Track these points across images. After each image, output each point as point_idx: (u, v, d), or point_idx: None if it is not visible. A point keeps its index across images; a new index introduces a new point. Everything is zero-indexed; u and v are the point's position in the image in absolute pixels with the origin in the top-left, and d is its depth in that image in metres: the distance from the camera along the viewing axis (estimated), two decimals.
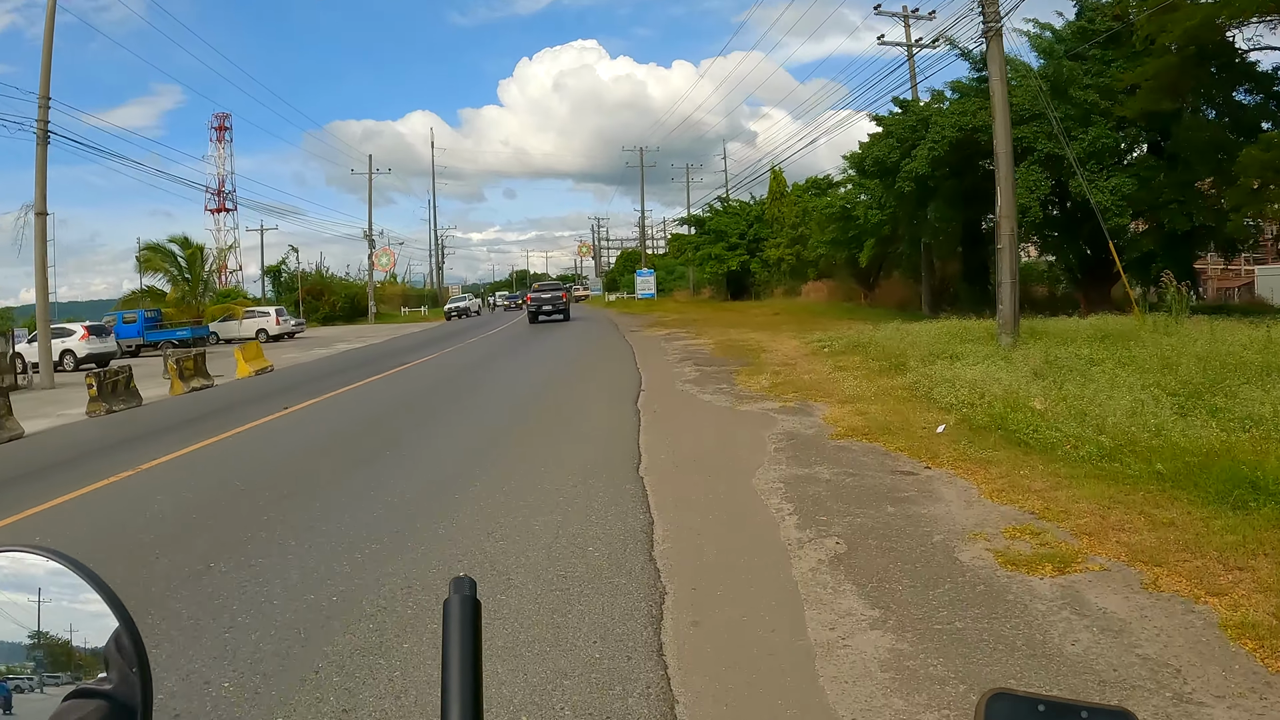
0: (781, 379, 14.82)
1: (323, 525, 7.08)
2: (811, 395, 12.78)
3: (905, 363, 14.67)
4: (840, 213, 36.96)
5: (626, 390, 14.63)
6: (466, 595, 0.72)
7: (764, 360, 18.57)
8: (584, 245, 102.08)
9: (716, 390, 13.87)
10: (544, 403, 14.39)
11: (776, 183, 53.73)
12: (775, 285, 52.87)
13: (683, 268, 69.26)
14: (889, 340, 18.48)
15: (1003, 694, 0.65)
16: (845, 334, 21.55)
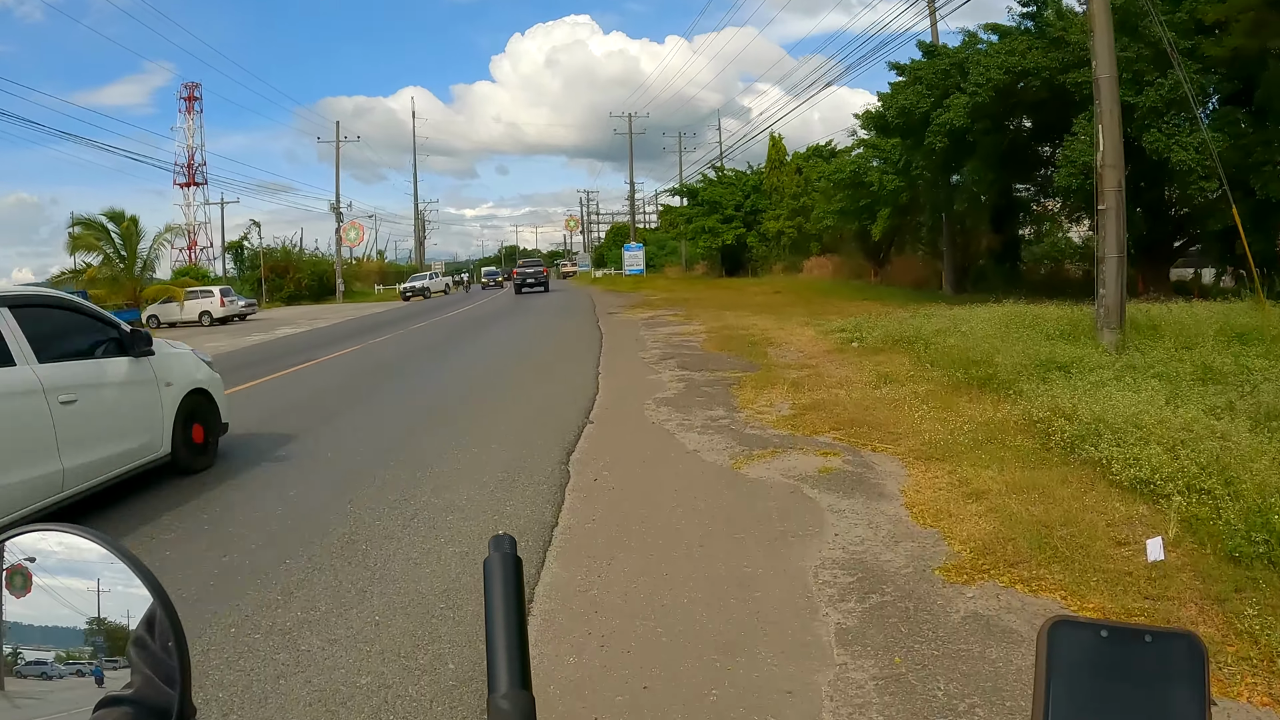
0: (806, 397, 9.81)
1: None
2: (865, 437, 7.74)
3: (992, 373, 9.66)
4: (851, 179, 31.89)
5: (561, 423, 9.21)
6: (507, 553, 0.69)
7: (773, 359, 13.53)
8: (572, 219, 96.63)
9: (708, 421, 8.82)
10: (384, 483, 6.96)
11: (775, 150, 48.74)
12: (774, 261, 48.00)
13: (674, 242, 64.16)
14: (941, 332, 13.45)
15: (1065, 621, 0.63)
16: (875, 321, 16.48)
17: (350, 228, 56.39)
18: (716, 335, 17.69)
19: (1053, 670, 0.62)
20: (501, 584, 0.69)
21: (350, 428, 9.51)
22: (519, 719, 0.63)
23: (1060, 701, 0.61)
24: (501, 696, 0.64)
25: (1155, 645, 0.62)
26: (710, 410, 9.33)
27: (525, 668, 0.66)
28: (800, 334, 17.06)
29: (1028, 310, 15.42)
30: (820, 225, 37.67)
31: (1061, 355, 10.41)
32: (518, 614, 0.68)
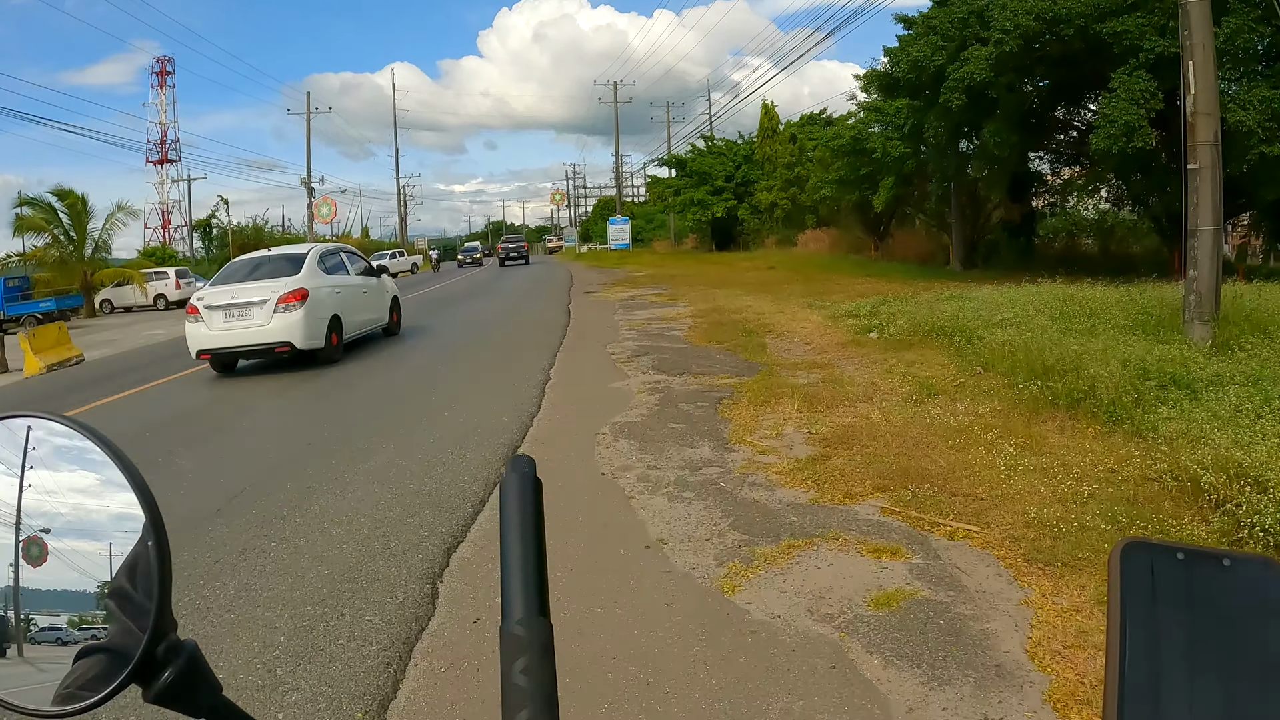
0: (826, 421, 6.91)
1: None
2: (930, 505, 4.77)
3: (1083, 388, 6.78)
4: (851, 145, 29.00)
5: (452, 490, 5.90)
6: (526, 473, 0.63)
7: (775, 356, 10.64)
8: (558, 193, 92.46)
9: (686, 471, 5.82)
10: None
11: (768, 118, 45.64)
12: (767, 234, 44.99)
13: (662, 215, 60.86)
14: (985, 323, 10.58)
15: (1139, 542, 0.58)
16: (894, 305, 13.58)
17: (322, 203, 52.80)
18: (704, 321, 14.75)
19: (1127, 593, 0.57)
20: (519, 506, 0.62)
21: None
22: (537, 648, 0.56)
23: (1137, 625, 0.56)
24: (517, 623, 0.57)
25: (1234, 570, 0.57)
26: (690, 448, 6.39)
27: (544, 594, 0.59)
28: (804, 320, 14.13)
29: (1072, 292, 12.59)
30: (816, 196, 34.81)
31: (1156, 358, 7.56)
32: (536, 538, 0.61)
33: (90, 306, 34.95)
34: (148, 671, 0.58)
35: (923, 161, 26.23)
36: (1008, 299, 12.63)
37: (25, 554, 0.61)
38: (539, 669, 0.57)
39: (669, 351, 11.44)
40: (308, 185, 51.21)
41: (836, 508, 4.93)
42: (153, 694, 0.58)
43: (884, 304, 14.10)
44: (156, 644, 0.58)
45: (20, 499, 0.62)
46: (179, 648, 0.58)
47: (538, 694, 0.56)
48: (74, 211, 35.07)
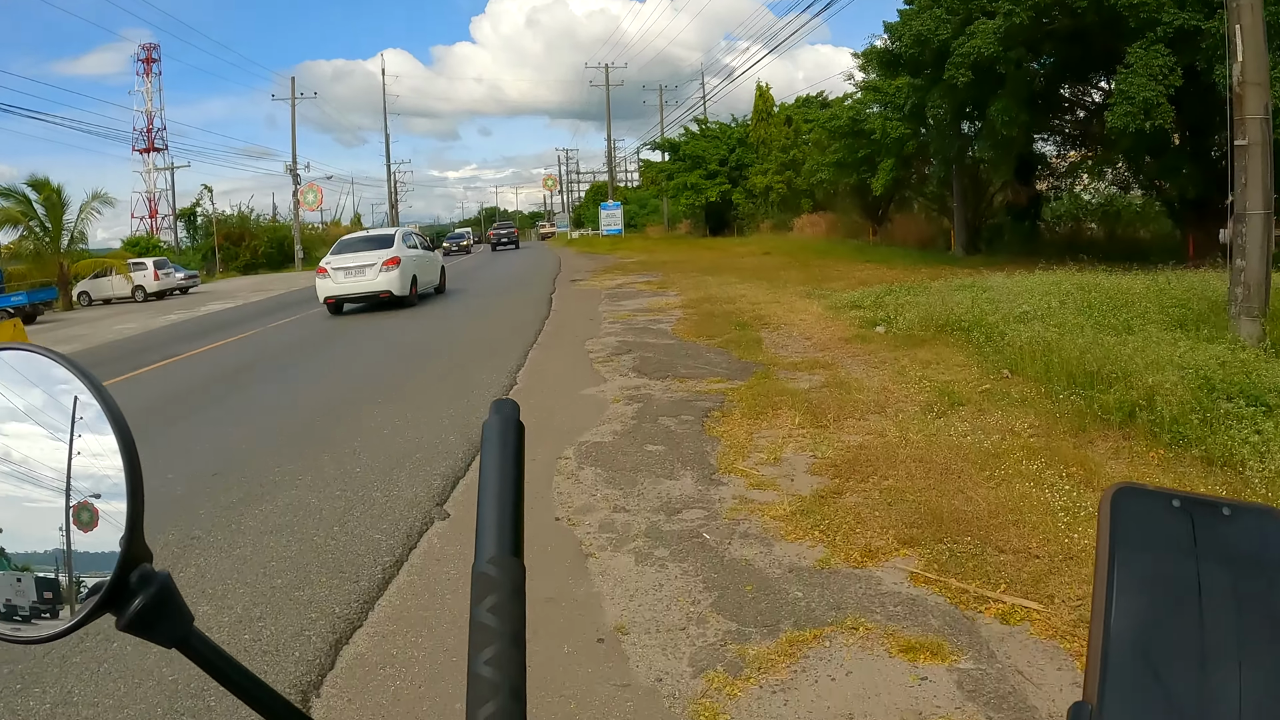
0: (833, 441, 5.74)
1: None
2: (975, 570, 3.60)
3: (1138, 401, 5.63)
4: (849, 126, 27.78)
5: (366, 543, 4.94)
6: (508, 416, 0.61)
7: (771, 353, 9.46)
8: (550, 178, 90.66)
9: (660, 517, 4.64)
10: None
11: (762, 101, 44.22)
12: (762, 219, 43.72)
13: (656, 200, 59.39)
14: (1005, 317, 9.40)
15: (1130, 488, 0.55)
16: (900, 295, 12.40)
17: (308, 190, 51.23)
18: (695, 312, 13.56)
19: (1116, 543, 0.53)
20: (499, 447, 0.60)
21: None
22: (508, 588, 0.55)
23: (1126, 577, 0.52)
24: (489, 561, 0.56)
25: (1234, 519, 0.53)
26: (669, 479, 5.20)
27: (518, 534, 0.58)
28: (802, 310, 12.94)
29: (1094, 281, 11.42)
30: (813, 179, 33.56)
31: (1211, 362, 6.40)
32: (514, 479, 0.59)
33: (67, 299, 33.59)
34: (119, 599, 0.56)
35: (923, 143, 25.04)
36: (1024, 288, 11.44)
37: (76, 519, 0.58)
38: (508, 607, 0.55)
39: (653, 349, 10.24)
40: (293, 172, 49.74)
41: (853, 572, 3.76)
42: (124, 621, 0.56)
43: (889, 293, 12.92)
44: (127, 572, 0.56)
45: (70, 462, 0.59)
46: (151, 577, 0.56)
47: (506, 633, 0.54)
48: (49, 203, 33.66)
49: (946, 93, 19.69)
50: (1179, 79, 15.59)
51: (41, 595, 0.59)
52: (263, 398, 9.13)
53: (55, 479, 0.59)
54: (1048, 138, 23.83)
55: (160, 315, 24.18)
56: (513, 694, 0.53)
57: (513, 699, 0.52)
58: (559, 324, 13.34)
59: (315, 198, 53.13)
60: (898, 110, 23.99)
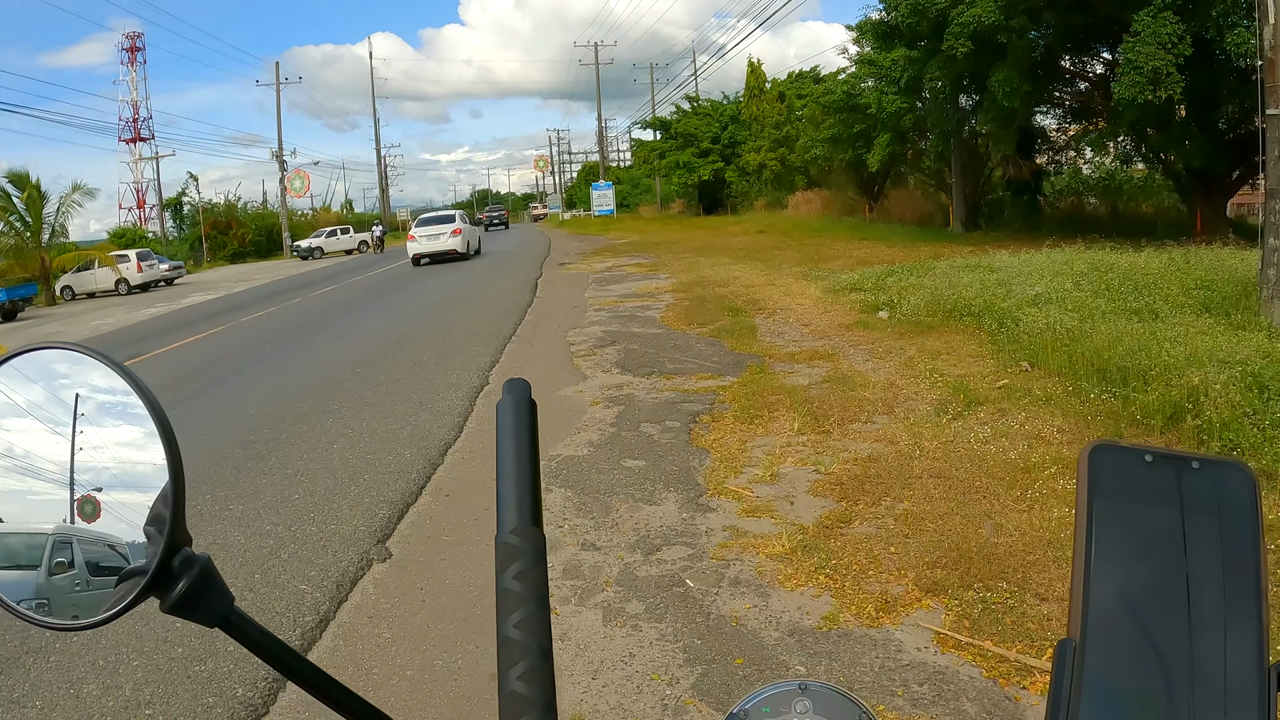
0: (838, 451, 5.05)
1: None
2: (1013, 629, 2.94)
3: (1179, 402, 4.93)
4: (843, 101, 26.95)
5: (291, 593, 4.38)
6: (520, 395, 0.63)
7: (767, 343, 8.75)
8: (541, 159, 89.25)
9: (636, 557, 3.94)
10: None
11: (754, 77, 43.24)
12: (756, 197, 42.85)
13: (648, 180, 58.38)
14: (1018, 302, 8.69)
15: (1107, 445, 0.57)
16: (904, 277, 11.66)
17: (295, 176, 50.04)
18: (686, 297, 12.83)
19: (1095, 493, 0.56)
20: (514, 424, 0.62)
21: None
22: (530, 555, 0.57)
23: (1104, 525, 0.55)
24: (511, 531, 0.57)
25: (1203, 472, 0.56)
26: (650, 504, 4.48)
27: (537, 505, 0.59)
28: (799, 293, 12.22)
29: (1107, 259, 10.71)
30: (807, 156, 32.71)
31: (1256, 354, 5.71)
32: (530, 454, 0.60)
33: (49, 294, 32.68)
34: (163, 583, 0.57)
35: (920, 117, 24.23)
36: (1034, 268, 10.72)
37: (80, 512, 0.60)
38: (532, 574, 0.56)
39: (640, 340, 9.51)
40: (279, 159, 48.69)
41: (866, 634, 3.06)
42: (168, 604, 0.57)
43: (890, 274, 12.19)
44: (171, 556, 0.57)
45: (73, 455, 0.61)
46: (193, 560, 0.57)
47: (531, 597, 0.56)
48: (29, 200, 32.66)
49: (945, 64, 18.92)
50: (1188, 48, 14.81)
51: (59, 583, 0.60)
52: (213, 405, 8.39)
53: (58, 473, 0.61)
54: (1048, 111, 23.05)
55: (140, 309, 23.38)
56: (541, 654, 0.54)
57: (542, 658, 0.54)
58: (542, 313, 12.59)
59: (302, 184, 52.02)
60: (894, 84, 23.17)
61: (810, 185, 37.75)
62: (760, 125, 40.74)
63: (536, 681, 0.53)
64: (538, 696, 0.52)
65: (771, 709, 0.60)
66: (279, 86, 49.97)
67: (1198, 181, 18.29)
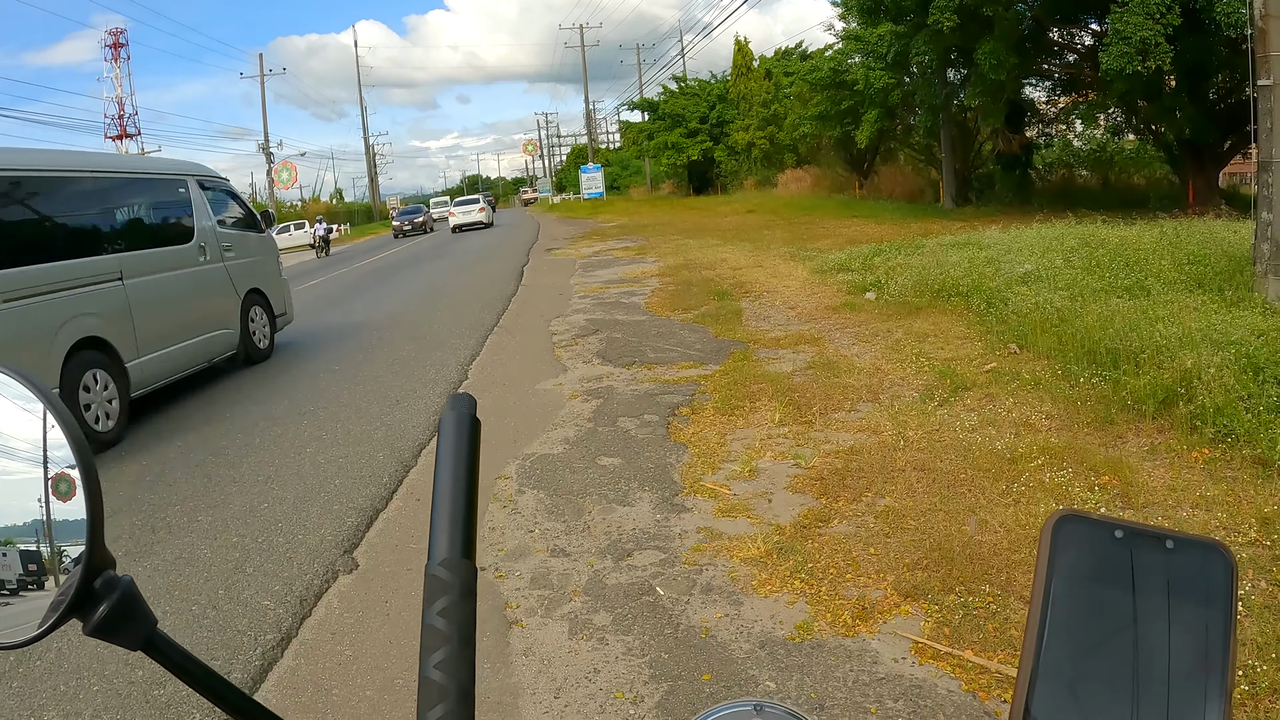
0: (820, 443, 4.94)
1: None
2: (1003, 636, 2.78)
3: (1173, 386, 4.80)
4: (830, 78, 26.73)
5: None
6: (464, 413, 0.60)
7: (752, 328, 8.61)
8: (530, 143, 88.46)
9: (609, 547, 3.80)
10: None
11: (741, 55, 42.89)
12: (745, 176, 42.57)
13: (637, 161, 57.99)
14: (1007, 281, 8.54)
15: (1074, 516, 0.54)
16: (891, 256, 11.51)
17: (282, 168, 49.57)
18: (672, 281, 12.67)
19: (1054, 569, 0.52)
20: (453, 445, 0.59)
21: None
22: (458, 590, 0.55)
23: (1061, 604, 0.52)
24: (440, 563, 0.56)
25: (1177, 553, 0.52)
26: (623, 504, 4.33)
27: (470, 536, 0.57)
28: (786, 275, 12.08)
29: (1097, 234, 10.57)
30: (796, 134, 32.59)
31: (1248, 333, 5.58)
32: (468, 478, 0.58)
33: None
34: (85, 605, 0.56)
35: (908, 92, 24.08)
36: (1023, 244, 10.57)
37: (55, 490, 0.59)
38: (458, 610, 0.55)
39: (623, 328, 9.36)
40: (266, 151, 48.22)
41: (841, 644, 2.93)
42: (90, 627, 0.56)
43: (878, 253, 12.03)
44: (92, 579, 0.57)
45: (45, 436, 0.59)
46: (114, 582, 0.57)
47: (455, 635, 0.54)
48: None
49: (931, 39, 18.74)
50: (1177, 18, 14.61)
51: (26, 568, 0.59)
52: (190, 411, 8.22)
53: (31, 451, 0.59)
54: (1037, 83, 22.84)
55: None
56: (461, 697, 0.52)
57: (461, 702, 0.52)
58: (526, 302, 12.42)
59: (289, 176, 51.51)
60: (880, 59, 23.04)
61: (799, 163, 37.53)
62: (748, 104, 40.47)
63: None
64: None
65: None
66: (263, 78, 49.45)
67: (1189, 152, 18.12)
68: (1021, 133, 23.00)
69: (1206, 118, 16.81)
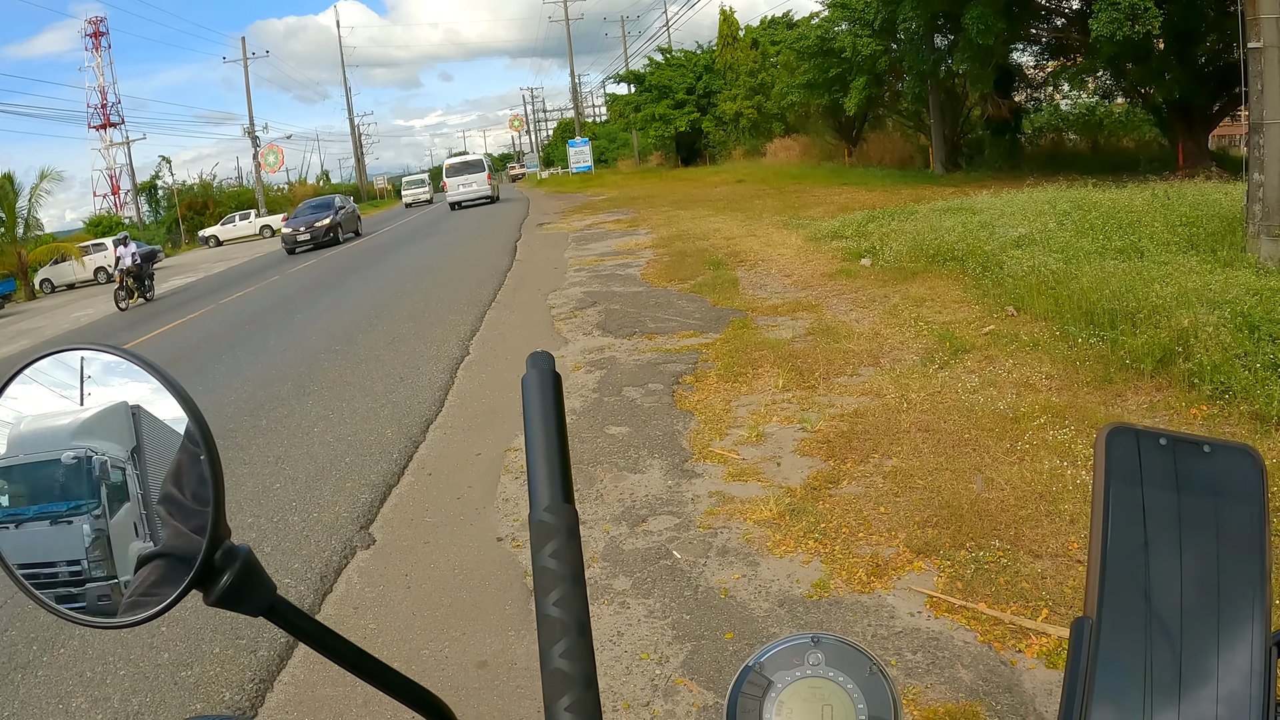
0: (824, 406, 4.99)
1: None
2: (1015, 588, 2.84)
3: (1170, 344, 4.86)
4: (817, 46, 26.54)
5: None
6: (544, 369, 0.63)
7: (749, 296, 8.64)
8: (516, 119, 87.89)
9: (623, 514, 3.86)
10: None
11: (727, 25, 42.59)
12: (733, 146, 42.36)
13: (625, 134, 57.68)
14: (1002, 244, 8.59)
15: (1124, 428, 0.58)
16: (885, 222, 11.54)
17: (269, 152, 49.06)
18: (666, 252, 12.68)
19: (1111, 476, 0.57)
20: (540, 400, 0.62)
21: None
22: (565, 532, 0.58)
23: (1120, 507, 0.57)
24: (545, 509, 0.58)
25: (1214, 456, 0.57)
26: (634, 472, 4.38)
27: (568, 482, 0.59)
28: (780, 243, 12.09)
29: (1090, 198, 10.60)
30: (783, 102, 32.36)
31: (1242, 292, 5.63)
32: (558, 430, 0.61)
33: (29, 289, 32.12)
34: (207, 577, 0.58)
35: (896, 59, 23.96)
36: (1015, 208, 10.61)
37: (108, 481, 0.61)
38: (567, 551, 0.58)
39: (621, 299, 9.38)
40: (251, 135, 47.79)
41: (858, 600, 2.99)
42: (214, 597, 0.58)
43: (872, 220, 12.05)
44: (214, 550, 0.58)
45: (95, 427, 0.62)
46: (234, 552, 0.58)
47: (567, 574, 0.57)
48: (1, 193, 31.89)
49: (918, 4, 18.69)
50: None
51: (90, 555, 0.61)
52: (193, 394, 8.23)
53: (82, 446, 0.61)
54: (1025, 48, 22.75)
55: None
56: (580, 630, 0.55)
57: (580, 635, 0.55)
58: (521, 277, 12.41)
59: (276, 159, 50.98)
60: (867, 26, 22.91)
61: (788, 132, 37.32)
62: (735, 74, 40.21)
63: (577, 658, 0.54)
64: (579, 673, 0.53)
65: (785, 661, 0.61)
66: (246, 62, 48.94)
67: (1179, 115, 18.10)
68: (1010, 98, 22.93)
69: (1196, 80, 16.79)
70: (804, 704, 0.60)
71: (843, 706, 0.60)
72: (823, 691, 0.60)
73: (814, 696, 0.60)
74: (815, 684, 0.60)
